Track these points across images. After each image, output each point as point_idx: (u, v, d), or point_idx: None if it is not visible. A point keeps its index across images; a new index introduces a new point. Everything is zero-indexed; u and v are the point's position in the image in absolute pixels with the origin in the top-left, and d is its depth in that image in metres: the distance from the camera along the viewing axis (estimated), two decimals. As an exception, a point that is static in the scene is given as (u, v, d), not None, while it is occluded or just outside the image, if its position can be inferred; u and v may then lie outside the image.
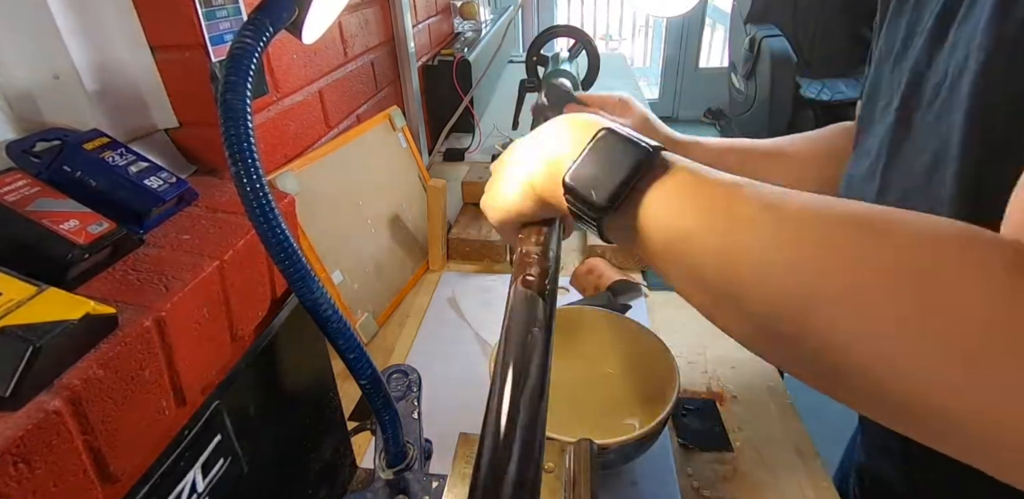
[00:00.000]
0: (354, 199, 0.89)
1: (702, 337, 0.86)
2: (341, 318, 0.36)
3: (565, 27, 1.17)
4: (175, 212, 0.49)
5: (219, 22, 0.55)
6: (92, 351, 0.33)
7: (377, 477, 0.47)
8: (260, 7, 0.34)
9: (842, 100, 3.00)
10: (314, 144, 0.86)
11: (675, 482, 0.65)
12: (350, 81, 0.99)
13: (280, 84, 0.75)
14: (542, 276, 0.34)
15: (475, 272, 1.05)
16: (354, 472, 0.66)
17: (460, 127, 1.49)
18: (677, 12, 0.99)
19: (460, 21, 1.80)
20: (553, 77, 0.99)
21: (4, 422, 0.28)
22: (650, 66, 4.51)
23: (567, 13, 4.29)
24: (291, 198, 0.56)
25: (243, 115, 0.30)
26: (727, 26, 3.72)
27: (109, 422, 0.33)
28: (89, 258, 0.38)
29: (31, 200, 0.38)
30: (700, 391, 0.78)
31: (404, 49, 1.22)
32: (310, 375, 0.58)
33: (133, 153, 0.48)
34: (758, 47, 3.10)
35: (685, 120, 4.26)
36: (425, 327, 0.91)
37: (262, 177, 0.31)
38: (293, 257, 0.32)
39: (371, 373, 0.39)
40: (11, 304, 0.30)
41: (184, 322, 0.39)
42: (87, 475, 0.32)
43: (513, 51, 2.58)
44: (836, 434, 0.79)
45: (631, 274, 0.99)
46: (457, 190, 1.17)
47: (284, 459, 0.53)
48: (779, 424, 0.72)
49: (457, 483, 0.40)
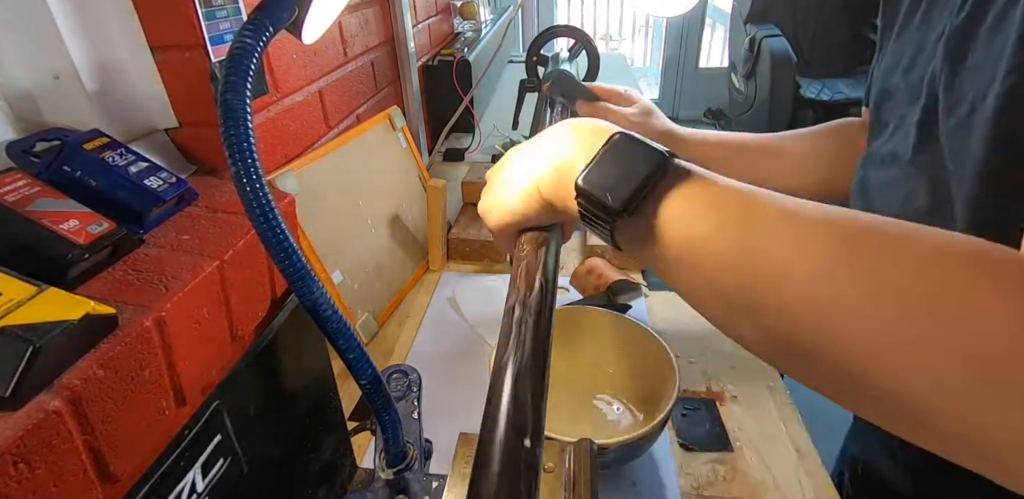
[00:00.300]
0: (354, 199, 0.89)
1: (702, 337, 0.86)
2: (341, 318, 0.36)
3: (565, 27, 1.17)
4: (175, 212, 0.49)
5: (219, 22, 0.55)
6: (92, 351, 0.33)
7: (377, 477, 0.47)
8: (260, 7, 0.34)
9: (842, 100, 3.00)
10: (314, 144, 0.86)
11: (675, 482, 0.65)
12: (350, 81, 0.99)
13: (280, 84, 0.75)
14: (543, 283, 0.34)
15: (475, 272, 1.05)
16: (354, 472, 0.66)
17: (460, 127, 1.48)
18: (677, 12, 0.99)
19: (460, 21, 1.80)
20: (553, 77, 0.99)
21: (4, 422, 0.28)
22: (650, 66, 4.51)
23: (567, 13, 4.29)
24: (291, 198, 0.56)
25: (243, 115, 0.30)
26: (727, 26, 3.72)
27: (109, 422, 0.33)
28: (89, 258, 0.38)
29: (31, 200, 0.38)
30: (700, 391, 0.78)
31: (404, 49, 1.22)
32: (310, 375, 0.58)
33: (133, 153, 0.48)
34: (758, 47, 3.10)
35: (685, 120, 4.25)
36: (425, 327, 0.91)
37: (262, 177, 0.31)
38: (293, 257, 0.32)
39: (371, 373, 0.39)
40: (11, 304, 0.30)
41: (184, 322, 0.39)
42: (87, 475, 0.32)
43: (513, 51, 2.58)
44: (836, 434, 0.79)
45: (631, 274, 0.99)
46: (457, 190, 1.17)
47: (284, 459, 0.53)
48: (779, 424, 0.72)
49: (457, 483, 0.40)
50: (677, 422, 0.73)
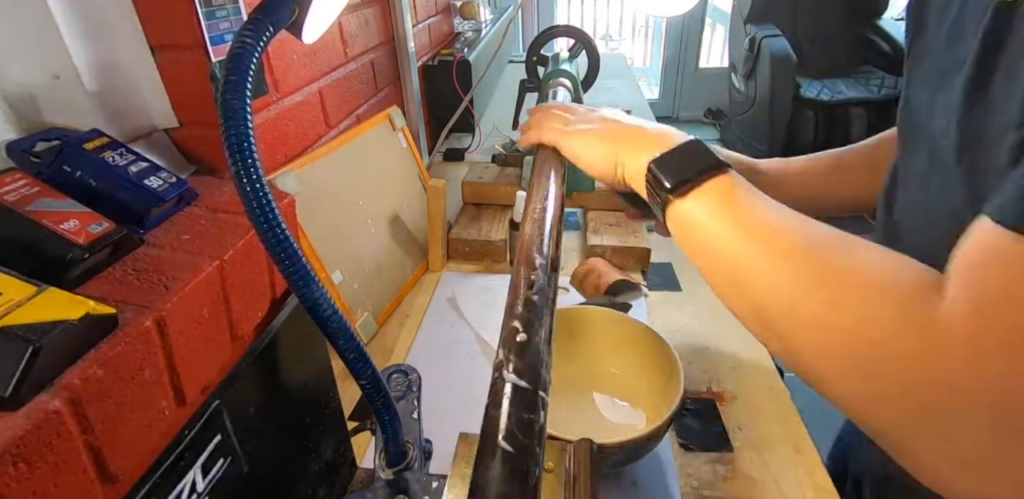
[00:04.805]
0: (354, 199, 0.89)
1: (702, 337, 0.86)
2: (341, 318, 0.36)
3: (565, 27, 1.17)
4: (175, 212, 0.49)
5: (219, 22, 0.55)
6: (92, 351, 0.33)
7: (377, 477, 0.47)
8: (260, 7, 0.34)
9: (842, 100, 3.00)
10: (314, 144, 0.87)
11: (675, 482, 0.65)
12: (350, 81, 0.99)
13: (280, 84, 0.75)
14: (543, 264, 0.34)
15: (475, 272, 1.05)
16: (354, 472, 0.66)
17: (460, 127, 1.48)
18: (677, 12, 0.99)
19: (460, 21, 1.80)
20: (553, 77, 0.99)
21: (4, 422, 0.28)
22: (650, 66, 4.51)
23: (567, 13, 4.29)
24: (291, 198, 0.56)
25: (243, 115, 0.30)
26: (727, 26, 3.72)
27: (109, 422, 0.33)
28: (89, 258, 0.38)
29: (31, 200, 0.38)
30: (700, 391, 0.77)
31: (404, 49, 1.22)
32: (310, 375, 0.58)
33: (133, 153, 0.48)
34: (758, 47, 3.11)
35: (685, 120, 4.26)
36: (425, 327, 0.91)
37: (262, 177, 0.31)
38: (293, 257, 0.32)
39: (371, 373, 0.39)
40: (11, 304, 0.30)
41: (184, 322, 0.39)
42: (87, 475, 0.32)
43: (513, 51, 2.58)
44: (835, 434, 0.79)
45: (631, 274, 0.99)
46: (457, 190, 1.17)
47: (284, 459, 0.53)
48: (779, 424, 0.72)
49: (457, 483, 0.40)
50: (677, 422, 0.73)
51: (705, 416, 0.73)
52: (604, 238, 1.04)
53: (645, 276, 1.01)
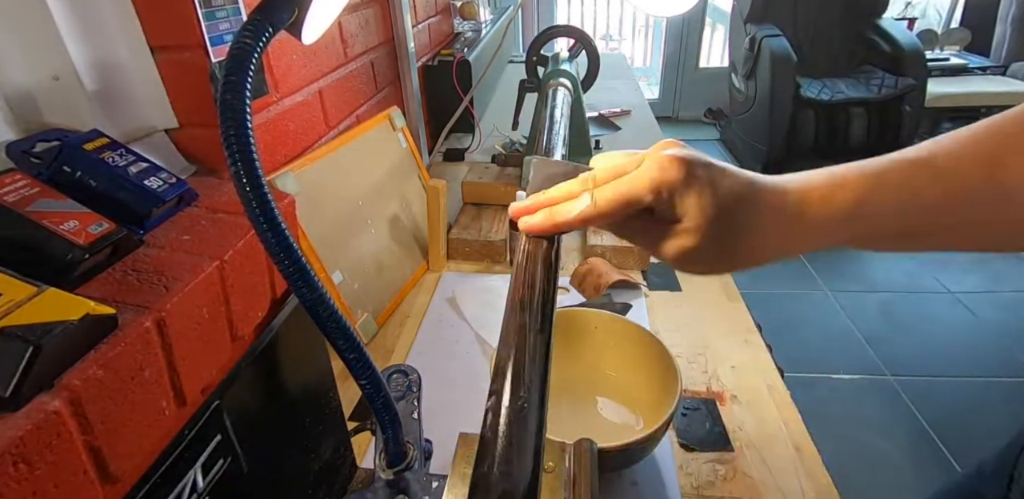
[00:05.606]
0: (354, 199, 0.89)
1: (702, 337, 0.86)
2: (341, 318, 0.36)
3: (565, 27, 1.17)
4: (175, 212, 0.49)
5: (219, 22, 0.55)
6: (92, 351, 0.33)
7: (377, 477, 0.47)
8: (260, 7, 0.34)
9: (842, 100, 3.00)
10: (314, 144, 0.86)
11: (675, 482, 0.65)
12: (350, 81, 0.99)
13: (280, 84, 0.75)
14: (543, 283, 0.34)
15: (475, 272, 1.05)
16: (354, 472, 0.66)
17: (460, 127, 1.49)
18: (677, 12, 0.99)
19: (460, 21, 1.80)
20: (553, 77, 0.99)
21: (4, 422, 0.28)
22: (650, 66, 4.51)
23: (567, 13, 4.29)
24: (291, 198, 0.56)
25: (243, 115, 0.30)
26: (727, 26, 3.72)
27: (109, 422, 0.33)
28: (89, 258, 0.38)
29: (31, 200, 0.38)
30: (700, 391, 0.78)
31: (404, 49, 1.22)
32: (310, 375, 0.58)
33: (133, 153, 0.48)
34: (758, 47, 3.10)
35: (685, 120, 4.26)
36: (425, 327, 0.91)
37: (262, 177, 0.31)
38: (293, 257, 0.32)
39: (371, 373, 0.39)
40: (11, 304, 0.30)
41: (184, 322, 0.39)
42: (87, 475, 0.32)
43: (513, 51, 2.59)
44: (836, 434, 0.79)
45: (631, 274, 0.99)
46: (457, 190, 1.17)
47: (284, 459, 0.53)
48: (779, 424, 0.72)
49: (457, 483, 0.40)
50: (677, 422, 0.73)
51: (705, 416, 0.73)
52: (604, 238, 1.04)
53: (645, 276, 1.01)
